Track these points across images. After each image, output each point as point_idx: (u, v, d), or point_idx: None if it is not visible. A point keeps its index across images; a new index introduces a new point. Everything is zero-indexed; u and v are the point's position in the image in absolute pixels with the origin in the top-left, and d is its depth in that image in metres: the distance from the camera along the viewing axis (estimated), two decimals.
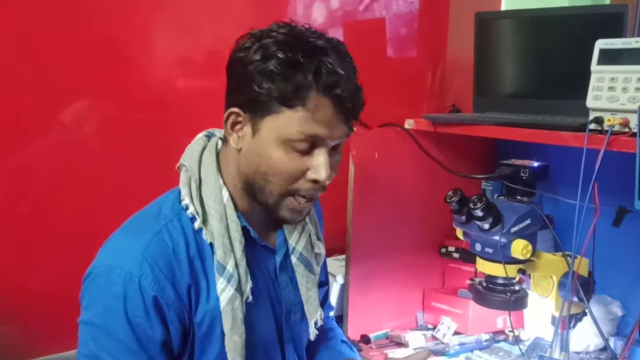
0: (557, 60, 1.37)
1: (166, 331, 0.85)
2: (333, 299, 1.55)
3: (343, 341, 1.16)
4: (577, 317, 1.16)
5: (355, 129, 0.90)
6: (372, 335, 1.50)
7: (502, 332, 1.51)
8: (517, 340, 1.44)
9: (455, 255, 1.58)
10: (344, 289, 1.51)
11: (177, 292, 0.85)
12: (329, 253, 1.67)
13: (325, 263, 1.12)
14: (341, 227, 1.49)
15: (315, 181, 0.86)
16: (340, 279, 1.54)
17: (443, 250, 1.62)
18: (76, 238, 1.33)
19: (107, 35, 1.35)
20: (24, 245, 1.31)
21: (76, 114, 1.35)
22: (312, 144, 0.85)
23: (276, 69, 0.82)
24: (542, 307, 1.25)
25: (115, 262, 0.84)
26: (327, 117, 0.83)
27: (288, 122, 0.83)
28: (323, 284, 1.12)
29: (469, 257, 1.58)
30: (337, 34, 1.70)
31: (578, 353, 1.34)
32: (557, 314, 1.17)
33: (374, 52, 1.77)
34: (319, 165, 0.85)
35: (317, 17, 1.67)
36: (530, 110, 1.38)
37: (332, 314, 1.24)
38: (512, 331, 1.44)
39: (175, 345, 0.87)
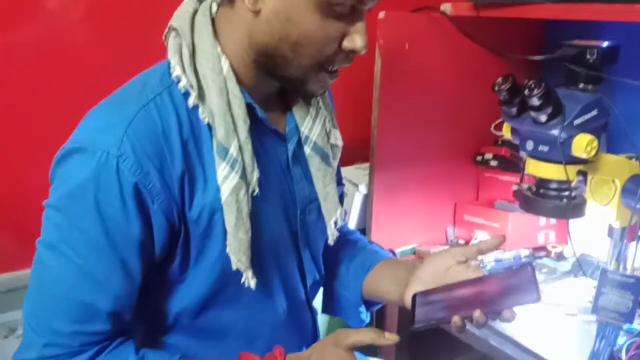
0: None
1: (147, 229, 0.70)
2: (355, 210, 1.40)
3: (371, 242, 1.02)
4: None
5: None
6: (398, 251, 1.36)
7: (543, 248, 1.36)
8: (560, 257, 1.29)
9: (494, 163, 1.41)
10: (367, 200, 1.35)
11: (166, 182, 0.69)
12: (351, 161, 1.52)
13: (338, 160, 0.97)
14: (365, 130, 1.31)
15: (352, 51, 0.74)
16: (363, 189, 1.38)
17: (479, 158, 1.44)
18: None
19: None
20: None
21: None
22: (352, 7, 0.71)
23: None
24: (592, 219, 1.09)
25: (89, 139, 0.69)
26: None
27: None
28: (338, 182, 0.96)
29: (508, 166, 1.41)
30: None
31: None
32: (617, 225, 1.01)
33: None
34: (358, 32, 0.73)
35: None
36: None
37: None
38: (555, 247, 1.29)
39: (158, 248, 0.72)
